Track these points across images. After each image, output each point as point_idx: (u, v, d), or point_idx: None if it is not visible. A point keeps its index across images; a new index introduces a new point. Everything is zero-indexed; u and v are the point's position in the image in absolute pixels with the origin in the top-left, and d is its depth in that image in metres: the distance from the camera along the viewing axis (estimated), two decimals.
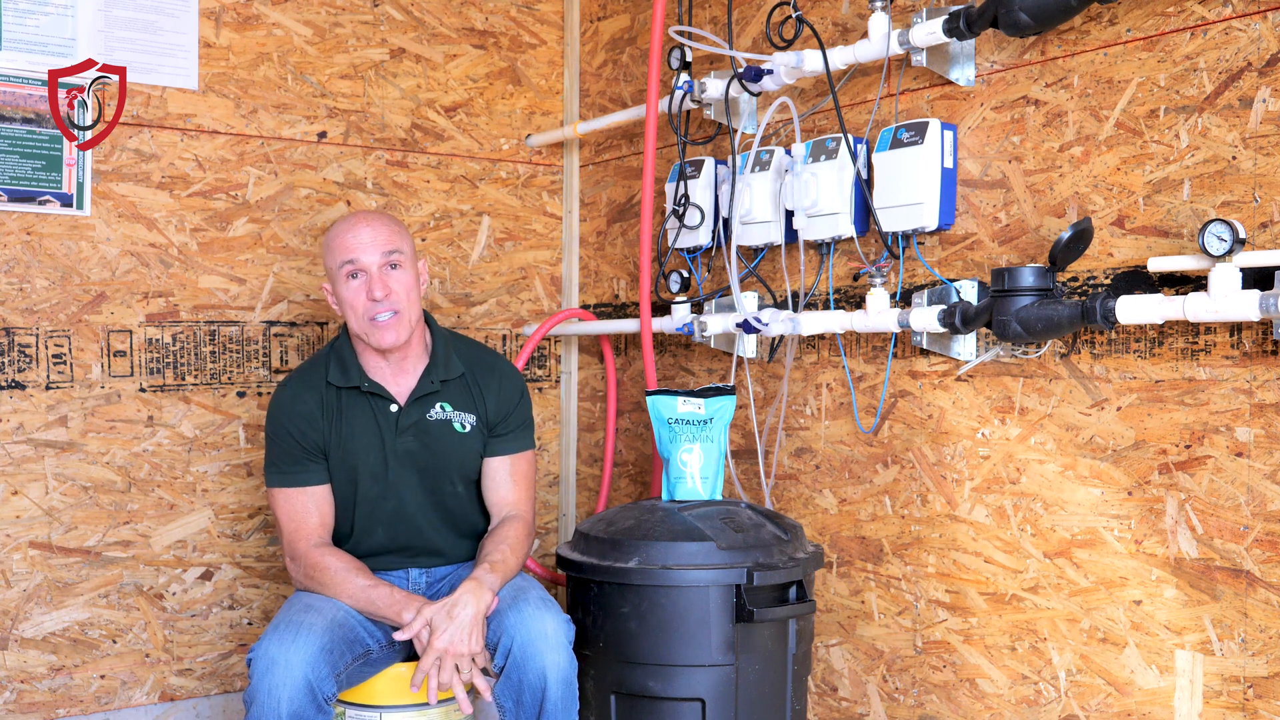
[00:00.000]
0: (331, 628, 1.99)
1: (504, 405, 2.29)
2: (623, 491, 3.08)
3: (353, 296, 2.16)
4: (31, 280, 2.56)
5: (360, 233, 2.17)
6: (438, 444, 2.24)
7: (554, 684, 1.97)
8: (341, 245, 2.17)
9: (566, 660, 1.99)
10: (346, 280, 2.17)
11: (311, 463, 2.19)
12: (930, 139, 2.11)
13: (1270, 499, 1.72)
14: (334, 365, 2.24)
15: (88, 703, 2.63)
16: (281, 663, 1.89)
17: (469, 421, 2.27)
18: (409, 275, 2.20)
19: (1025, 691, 2.07)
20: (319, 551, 2.14)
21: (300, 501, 2.18)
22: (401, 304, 2.16)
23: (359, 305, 2.15)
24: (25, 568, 2.55)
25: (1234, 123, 1.76)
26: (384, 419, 2.22)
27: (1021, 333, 1.89)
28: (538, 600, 2.05)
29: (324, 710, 1.93)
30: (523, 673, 1.98)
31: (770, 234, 2.44)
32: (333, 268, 2.19)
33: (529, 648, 1.98)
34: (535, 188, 3.24)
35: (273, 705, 1.88)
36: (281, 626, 1.95)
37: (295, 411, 2.20)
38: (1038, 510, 2.04)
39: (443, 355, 2.27)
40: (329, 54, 2.91)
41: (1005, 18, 1.90)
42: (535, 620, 2.00)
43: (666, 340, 2.89)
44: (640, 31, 3.01)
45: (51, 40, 2.57)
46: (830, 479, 2.45)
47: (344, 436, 2.21)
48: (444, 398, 2.26)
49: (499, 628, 2.03)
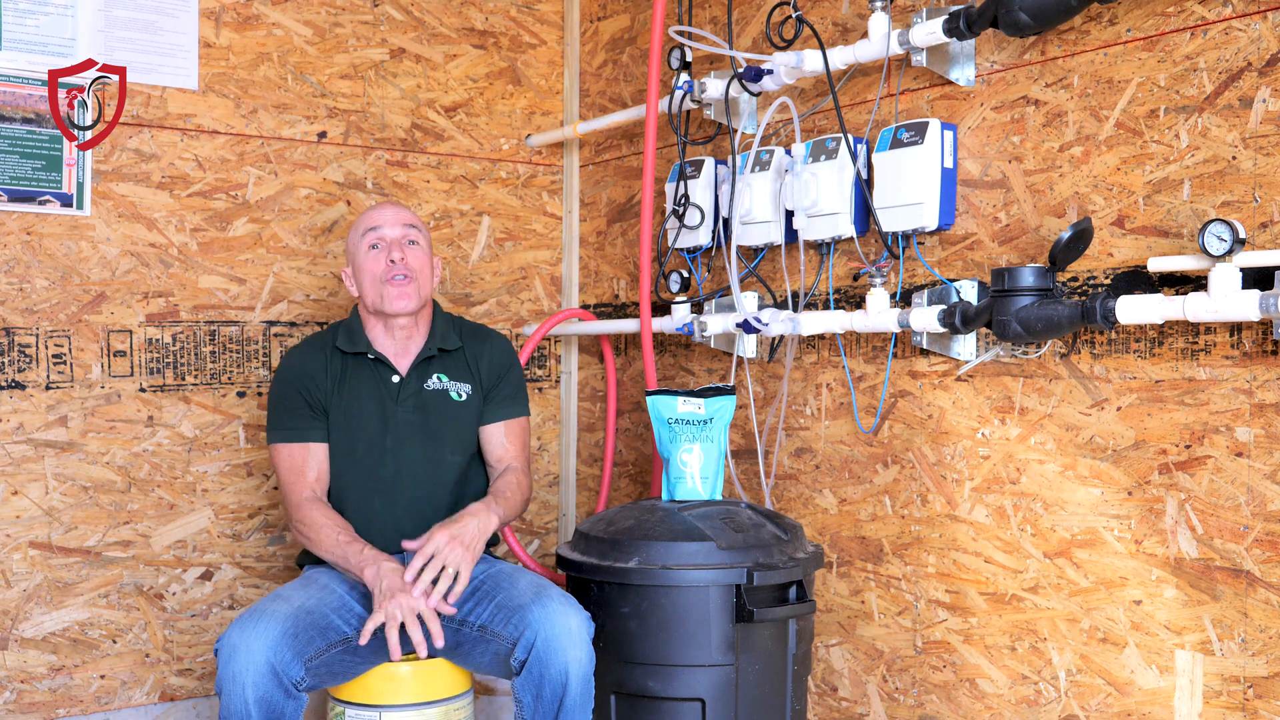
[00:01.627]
0: (297, 614, 2.02)
1: (496, 369, 2.42)
2: (623, 491, 3.08)
3: (372, 263, 2.31)
4: (31, 280, 2.56)
5: (385, 211, 2.36)
6: (435, 412, 2.35)
7: (575, 680, 1.99)
8: (366, 220, 2.35)
9: (588, 657, 2.01)
10: (367, 251, 2.32)
11: (313, 419, 2.30)
12: (930, 139, 2.11)
13: (1270, 499, 1.72)
14: (342, 333, 2.37)
15: (88, 703, 2.63)
16: (243, 649, 1.92)
17: (464, 391, 2.38)
18: (424, 255, 2.36)
19: (1025, 691, 2.07)
20: (309, 505, 2.25)
21: (299, 456, 2.29)
22: (415, 273, 2.31)
23: (377, 270, 2.30)
24: (25, 568, 2.55)
25: (1234, 123, 1.76)
26: (386, 389, 2.33)
27: (1021, 333, 1.89)
28: (561, 597, 2.07)
29: (293, 695, 1.96)
30: (545, 667, 1.99)
31: (770, 234, 2.44)
32: (355, 243, 2.35)
33: (553, 642, 1.99)
34: (535, 188, 3.24)
35: (238, 691, 1.91)
36: (246, 615, 1.99)
37: (301, 370, 2.32)
38: (1038, 510, 2.04)
39: (441, 329, 2.41)
40: (329, 54, 2.91)
41: (1005, 18, 1.90)
42: (560, 616, 2.01)
43: (666, 340, 2.89)
44: (640, 31, 3.01)
45: (51, 40, 2.57)
46: (830, 479, 2.45)
47: (346, 401, 2.31)
48: (441, 368, 2.37)
49: (522, 622, 2.04)
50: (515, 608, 2.08)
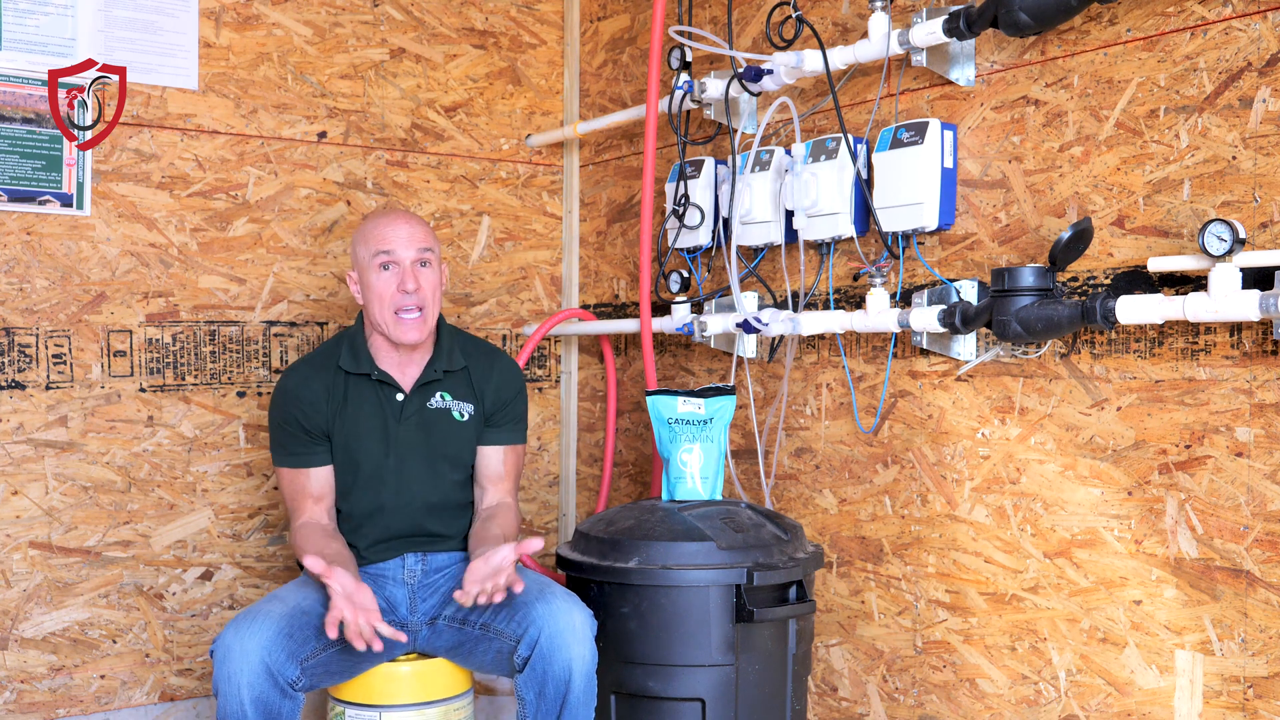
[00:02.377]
0: (292, 615, 2.03)
1: (502, 396, 2.39)
2: (623, 491, 3.08)
3: (383, 286, 2.24)
4: (31, 280, 2.56)
5: (399, 228, 2.26)
6: (437, 431, 2.32)
7: (579, 676, 1.99)
8: (379, 237, 2.26)
9: (591, 654, 2.01)
10: (378, 270, 2.25)
11: (315, 446, 2.29)
12: (930, 139, 2.11)
13: (1270, 499, 1.72)
14: (346, 351, 2.33)
15: (88, 703, 2.63)
16: (237, 649, 1.93)
17: (467, 411, 2.35)
18: (436, 275, 2.29)
19: (1025, 691, 2.07)
20: (303, 529, 2.26)
21: (300, 480, 2.29)
22: (427, 302, 2.26)
23: (388, 295, 2.24)
24: (25, 568, 2.55)
25: (1234, 123, 1.76)
26: (389, 407, 2.31)
27: (1021, 333, 1.89)
28: (564, 594, 2.07)
29: (289, 695, 1.96)
30: (549, 664, 2.00)
31: (770, 234, 2.44)
32: (364, 257, 2.27)
33: (557, 639, 1.99)
34: (535, 188, 3.24)
35: (234, 692, 1.91)
36: (240, 617, 2.00)
37: (300, 396, 2.29)
38: (1038, 510, 2.04)
39: (446, 347, 2.36)
40: (329, 54, 2.91)
41: (1005, 18, 1.90)
42: (564, 613, 2.01)
43: (666, 340, 2.89)
44: (640, 31, 3.01)
45: (51, 40, 2.57)
46: (830, 479, 2.45)
47: (348, 421, 2.29)
48: (444, 387, 2.34)
49: (526, 619, 2.05)
50: (518, 605, 2.08)
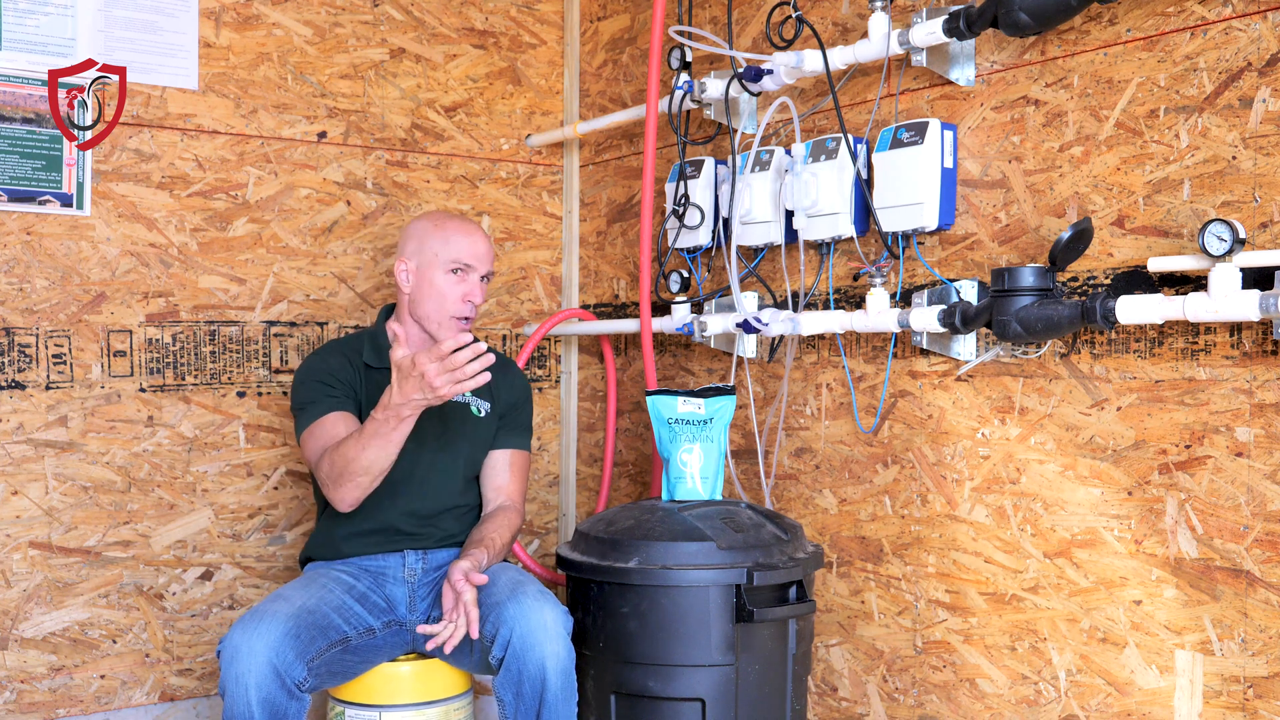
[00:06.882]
0: (299, 614, 2.03)
1: (513, 400, 2.46)
2: (623, 491, 3.08)
3: (451, 290, 2.35)
4: (31, 280, 2.56)
5: (479, 244, 2.39)
6: (454, 423, 2.37)
7: (554, 674, 1.99)
8: (460, 246, 2.36)
9: (565, 651, 2.01)
10: (448, 273, 2.34)
11: (345, 397, 2.31)
12: (930, 139, 2.11)
13: (1270, 499, 1.72)
14: (369, 347, 2.39)
15: (88, 703, 2.63)
16: (245, 650, 1.93)
17: (484, 407, 2.43)
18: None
19: (1025, 691, 2.07)
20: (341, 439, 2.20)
21: (331, 422, 2.25)
22: (476, 314, 2.40)
23: (452, 299, 2.35)
24: (25, 568, 2.55)
25: (1234, 123, 1.76)
26: None
27: (1021, 333, 1.89)
28: (536, 593, 2.08)
29: (296, 696, 1.96)
30: (523, 664, 2.00)
31: (770, 234, 2.44)
32: (438, 254, 2.34)
33: (529, 638, 2.00)
34: (535, 188, 3.24)
35: (241, 692, 1.91)
36: (247, 617, 1.99)
37: (328, 365, 2.35)
38: (1038, 510, 2.04)
39: None
40: (329, 54, 2.91)
41: (1005, 18, 1.90)
42: (534, 612, 2.02)
43: (666, 340, 2.89)
44: (640, 31, 3.00)
45: (51, 40, 2.57)
46: (830, 479, 2.45)
47: (367, 410, 2.30)
48: None
49: (498, 620, 2.05)
50: (491, 605, 2.09)
